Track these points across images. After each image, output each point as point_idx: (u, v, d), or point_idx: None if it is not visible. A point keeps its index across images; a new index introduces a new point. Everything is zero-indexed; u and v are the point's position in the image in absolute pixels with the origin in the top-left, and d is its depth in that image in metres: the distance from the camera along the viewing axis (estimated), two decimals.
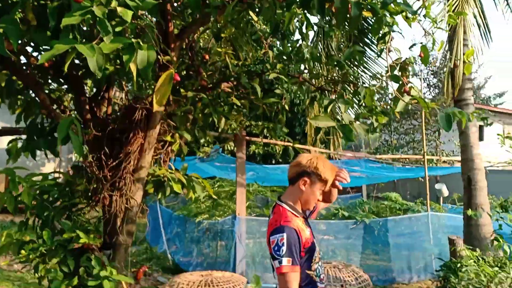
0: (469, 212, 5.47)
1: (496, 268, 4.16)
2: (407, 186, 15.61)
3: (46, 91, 4.71)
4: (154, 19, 4.41)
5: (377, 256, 7.89)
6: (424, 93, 17.23)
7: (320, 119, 3.32)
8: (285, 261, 2.32)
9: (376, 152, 18.10)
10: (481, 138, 21.15)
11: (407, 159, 14.39)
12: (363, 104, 4.46)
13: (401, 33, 3.80)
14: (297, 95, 12.38)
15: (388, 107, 4.44)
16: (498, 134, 5.10)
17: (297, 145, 6.77)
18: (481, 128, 20.55)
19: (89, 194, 4.87)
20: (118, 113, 4.95)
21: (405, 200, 12.96)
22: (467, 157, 6.51)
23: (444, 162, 15.29)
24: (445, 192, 10.90)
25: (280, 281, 2.35)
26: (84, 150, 4.71)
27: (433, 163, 14.68)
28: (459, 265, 4.36)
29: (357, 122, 3.67)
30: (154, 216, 10.51)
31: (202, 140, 13.62)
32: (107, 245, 4.82)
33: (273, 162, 13.96)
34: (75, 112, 4.94)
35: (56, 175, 5.06)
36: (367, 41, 7.29)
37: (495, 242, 4.68)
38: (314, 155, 2.64)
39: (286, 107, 5.38)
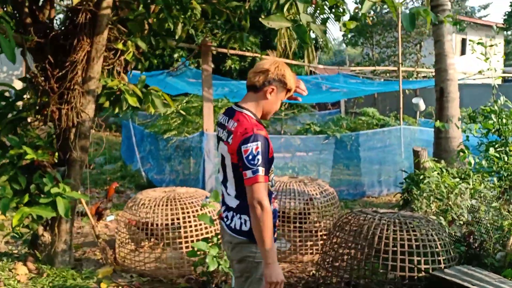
0: (437, 123, 5.33)
1: (457, 179, 4.08)
2: (387, 101, 15.46)
3: None
4: None
5: (348, 170, 7.88)
6: (407, 3, 16.51)
7: (273, 19, 3.01)
8: (260, 170, 2.24)
9: (358, 66, 17.70)
10: (463, 51, 20.88)
11: (387, 74, 14.12)
12: (333, 10, 4.13)
13: None
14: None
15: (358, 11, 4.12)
16: (470, 40, 4.82)
17: (265, 57, 6.43)
18: (463, 42, 20.15)
19: (37, 108, 4.59)
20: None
21: (384, 115, 12.87)
22: (440, 66, 6.27)
23: (424, 77, 15.09)
24: (422, 106, 10.78)
25: (251, 191, 2.25)
26: (23, 57, 4.38)
27: (413, 77, 14.46)
28: (421, 176, 4.28)
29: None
30: (128, 135, 10.31)
31: (176, 55, 13.12)
32: (61, 161, 4.63)
33: None
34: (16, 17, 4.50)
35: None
36: None
37: (461, 154, 4.58)
38: (276, 61, 2.48)
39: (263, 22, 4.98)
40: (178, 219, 4.63)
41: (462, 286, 3.08)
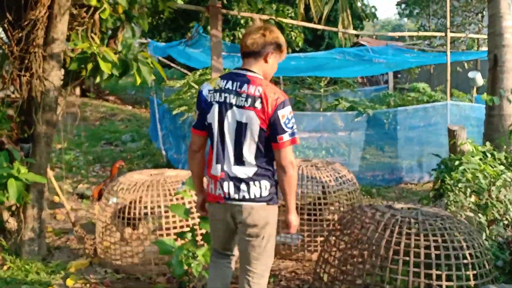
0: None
1: (502, 167, 3.08)
2: (443, 76, 13.95)
3: None
4: None
5: (384, 152, 6.85)
6: None
7: None
8: (296, 132, 2.38)
9: (412, 39, 16.13)
10: None
11: (443, 46, 12.61)
12: None
13: None
14: None
15: None
16: None
17: (283, 19, 5.52)
18: None
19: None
20: None
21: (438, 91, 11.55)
22: (495, 30, 5.10)
23: None
24: (480, 81, 9.38)
25: (285, 152, 2.37)
26: None
27: (473, 49, 12.89)
28: (457, 163, 3.31)
29: None
30: (154, 111, 9.74)
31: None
32: (29, 137, 4.05)
33: None
34: None
35: None
36: None
37: None
38: (267, 25, 2.57)
39: None
40: (159, 207, 3.94)
41: None
